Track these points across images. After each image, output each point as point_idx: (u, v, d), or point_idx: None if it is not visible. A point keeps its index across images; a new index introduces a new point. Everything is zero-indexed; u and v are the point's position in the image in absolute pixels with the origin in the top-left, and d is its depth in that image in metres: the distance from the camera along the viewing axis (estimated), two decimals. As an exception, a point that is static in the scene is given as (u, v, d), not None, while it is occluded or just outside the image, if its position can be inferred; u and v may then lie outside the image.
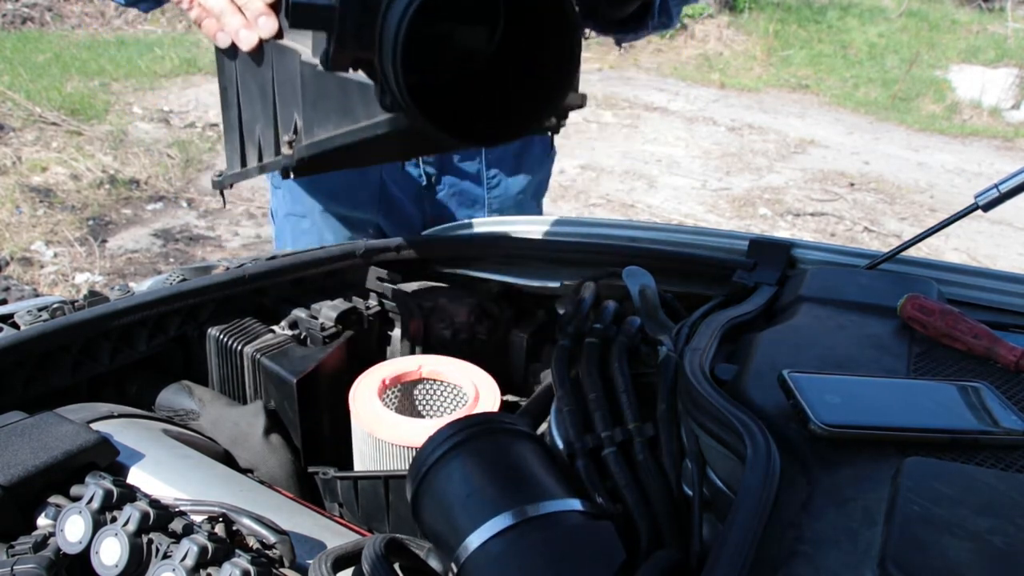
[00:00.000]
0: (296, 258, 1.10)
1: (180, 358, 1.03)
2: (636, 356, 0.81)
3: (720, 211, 4.71)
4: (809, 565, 0.47)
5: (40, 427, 0.69)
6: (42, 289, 3.25)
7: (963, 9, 10.54)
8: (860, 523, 0.51)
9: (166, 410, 0.96)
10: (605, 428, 0.70)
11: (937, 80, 7.78)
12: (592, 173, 5.11)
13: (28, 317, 0.90)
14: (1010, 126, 6.82)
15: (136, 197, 4.25)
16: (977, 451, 0.59)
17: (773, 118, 6.64)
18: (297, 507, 0.74)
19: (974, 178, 5.56)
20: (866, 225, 4.62)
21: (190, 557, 0.56)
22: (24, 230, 3.71)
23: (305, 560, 0.63)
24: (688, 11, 8.82)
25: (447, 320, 1.11)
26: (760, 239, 1.08)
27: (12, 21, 7.37)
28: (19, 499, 0.63)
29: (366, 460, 0.93)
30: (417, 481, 0.60)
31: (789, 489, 0.54)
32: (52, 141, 4.76)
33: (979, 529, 0.48)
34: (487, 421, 0.62)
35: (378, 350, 1.17)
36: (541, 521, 0.54)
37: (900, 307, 0.80)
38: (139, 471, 0.72)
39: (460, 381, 1.00)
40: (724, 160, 5.56)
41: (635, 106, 6.68)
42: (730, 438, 0.59)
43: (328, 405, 1.00)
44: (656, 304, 0.93)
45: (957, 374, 0.71)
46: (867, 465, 0.56)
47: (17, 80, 5.63)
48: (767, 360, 0.71)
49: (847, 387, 0.64)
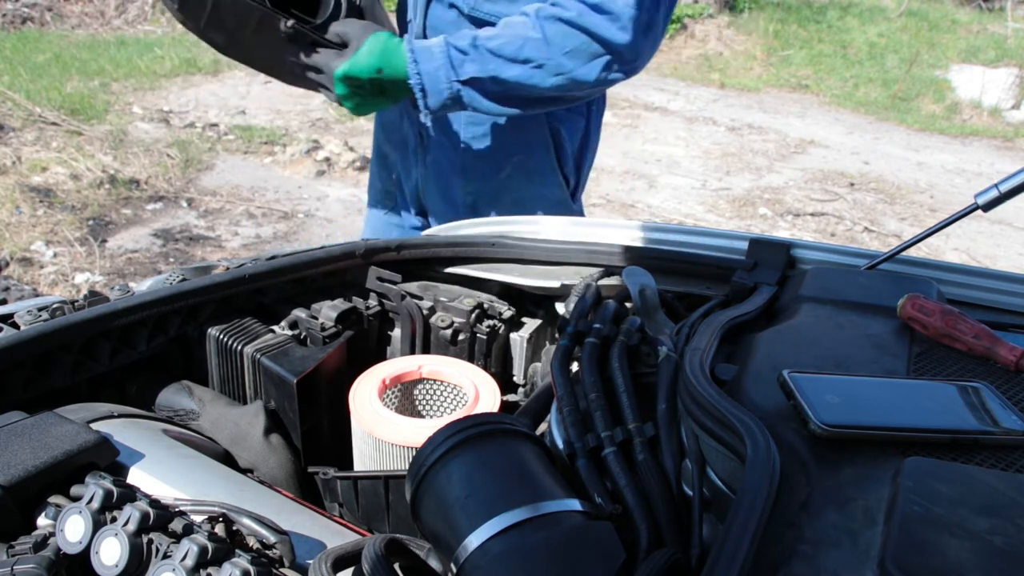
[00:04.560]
0: (296, 258, 1.10)
1: (180, 358, 1.03)
2: (636, 356, 0.81)
3: (720, 211, 4.72)
4: (809, 565, 0.47)
5: (40, 427, 0.69)
6: (42, 289, 3.25)
7: (963, 9, 10.54)
8: (860, 523, 0.51)
9: (166, 410, 0.96)
10: (605, 428, 0.70)
11: (937, 80, 7.78)
12: (592, 173, 5.10)
13: (28, 317, 0.90)
14: (1010, 126, 6.82)
15: (136, 197, 4.25)
16: (977, 451, 0.59)
17: (773, 118, 6.64)
18: (297, 507, 0.74)
19: (974, 178, 5.56)
20: (866, 225, 4.62)
21: (190, 557, 0.56)
22: (24, 230, 3.71)
23: (305, 560, 0.63)
24: (688, 11, 8.83)
25: (447, 320, 1.11)
26: (760, 239, 1.08)
27: (12, 21, 7.37)
28: (19, 499, 0.63)
29: (366, 460, 0.93)
30: (417, 481, 0.60)
31: (789, 489, 0.54)
32: (52, 141, 4.76)
33: (979, 529, 0.48)
34: (487, 421, 0.62)
35: (378, 350, 1.17)
36: (541, 521, 0.54)
37: (900, 307, 0.80)
38: (139, 471, 0.72)
39: (460, 381, 1.00)
40: (724, 160, 5.56)
41: (635, 106, 6.68)
42: (730, 438, 0.59)
43: (328, 405, 1.00)
44: (656, 304, 0.93)
45: (957, 374, 0.71)
46: (867, 465, 0.56)
47: (17, 80, 5.63)
48: (767, 360, 0.71)
49: (847, 387, 0.64)
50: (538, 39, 1.26)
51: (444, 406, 1.05)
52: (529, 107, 1.37)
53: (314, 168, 4.77)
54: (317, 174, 4.70)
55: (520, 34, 1.27)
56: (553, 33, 1.26)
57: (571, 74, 1.28)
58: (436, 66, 1.29)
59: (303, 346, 1.02)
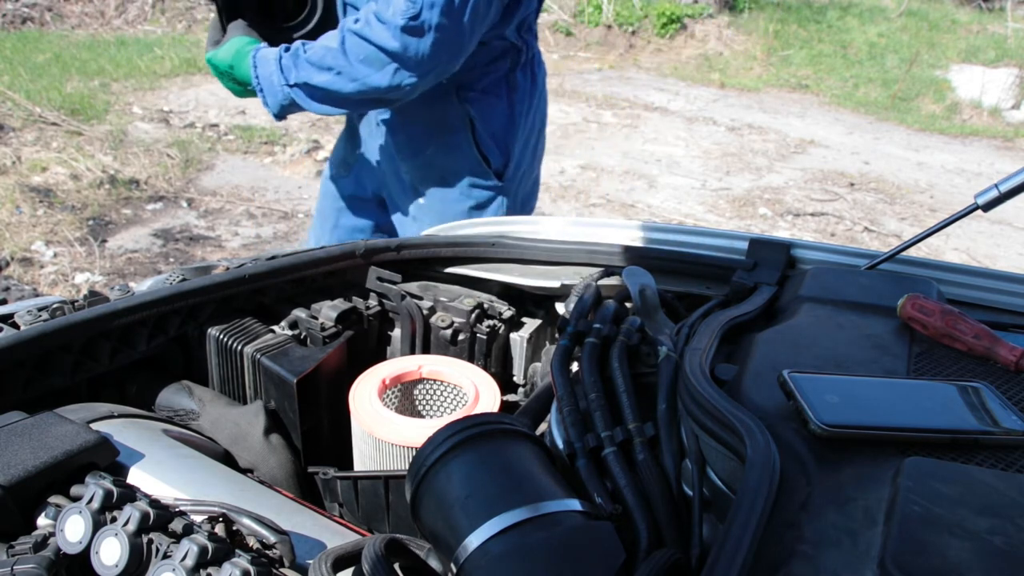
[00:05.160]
0: (296, 258, 1.10)
1: (180, 358, 1.03)
2: (636, 356, 0.81)
3: (720, 211, 4.72)
4: (809, 565, 0.47)
5: (40, 427, 0.69)
6: (42, 289, 3.25)
7: (963, 9, 10.54)
8: (860, 523, 0.51)
9: (166, 410, 0.96)
10: (605, 428, 0.70)
11: (937, 80, 7.78)
12: (592, 173, 5.11)
13: (28, 317, 0.90)
14: (1010, 126, 6.82)
15: (136, 197, 4.25)
16: (977, 451, 0.59)
17: (773, 118, 6.64)
18: (297, 507, 0.74)
19: (974, 178, 5.56)
20: (866, 225, 4.62)
21: (190, 557, 0.56)
22: (24, 230, 3.71)
23: (305, 560, 0.63)
24: (688, 11, 8.83)
25: (447, 320, 1.11)
26: (760, 239, 1.08)
27: (12, 21, 7.37)
28: (19, 499, 0.63)
29: (366, 460, 0.93)
30: (417, 481, 0.60)
31: (789, 489, 0.54)
32: (52, 141, 4.76)
33: (979, 529, 0.48)
34: (487, 422, 0.62)
35: (378, 350, 1.17)
36: (541, 521, 0.54)
37: (900, 307, 0.80)
38: (139, 471, 0.72)
39: (460, 381, 1.00)
40: (724, 160, 5.56)
41: (635, 106, 6.68)
42: (730, 438, 0.59)
43: (328, 405, 1.00)
44: (656, 304, 0.93)
45: (957, 374, 0.71)
46: (867, 465, 0.56)
47: (17, 80, 5.63)
48: (767, 360, 0.71)
49: (847, 387, 0.64)
50: (336, 49, 1.45)
51: (444, 406, 1.05)
52: (354, 108, 1.59)
53: (314, 168, 4.77)
54: (317, 174, 4.70)
55: (327, 45, 1.47)
56: (350, 44, 1.44)
57: (365, 80, 1.45)
58: (270, 72, 1.51)
59: (303, 346, 1.02)
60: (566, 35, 8.62)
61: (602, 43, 8.54)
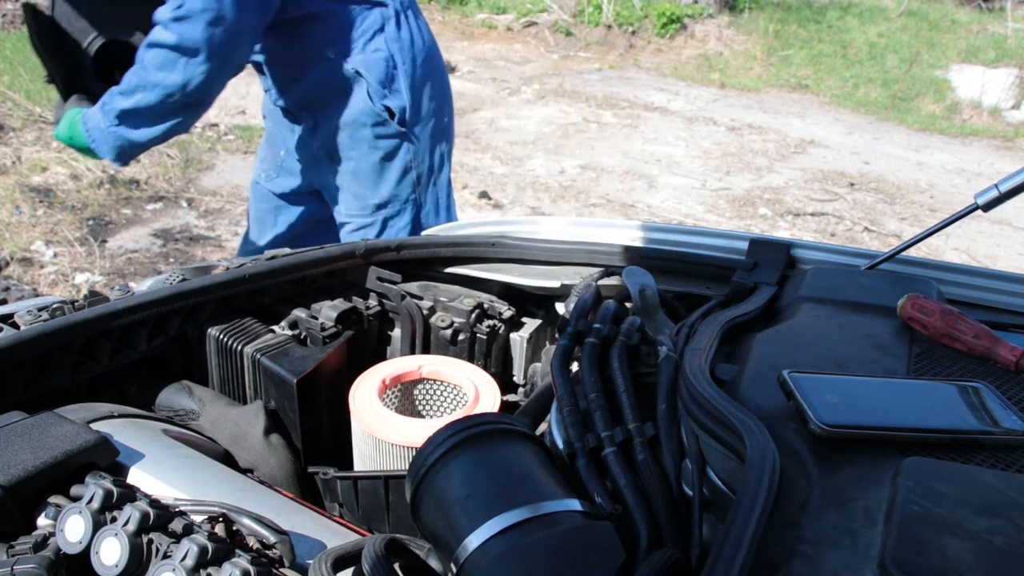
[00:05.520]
0: (296, 258, 1.10)
1: (180, 358, 1.03)
2: (636, 356, 0.81)
3: (720, 211, 4.72)
4: (809, 565, 0.47)
5: (40, 427, 0.69)
6: (42, 289, 3.25)
7: (963, 9, 10.54)
8: (860, 523, 0.51)
9: (166, 410, 0.96)
10: (605, 428, 0.70)
11: (937, 80, 7.78)
12: (592, 173, 5.11)
13: (28, 317, 0.90)
14: (1010, 126, 6.82)
15: (136, 197, 4.25)
16: (977, 451, 0.58)
17: (773, 118, 6.64)
18: (297, 507, 0.74)
19: (974, 178, 5.56)
20: (866, 225, 4.62)
21: (190, 557, 0.56)
22: (24, 230, 3.71)
23: (305, 560, 0.63)
24: (688, 11, 8.83)
25: (447, 320, 1.11)
26: (760, 239, 1.08)
27: (12, 21, 7.37)
28: (19, 499, 0.63)
29: (366, 460, 0.93)
30: (417, 481, 0.60)
31: (789, 489, 0.54)
32: (52, 141, 4.76)
33: (979, 529, 0.48)
34: (487, 422, 0.62)
35: (378, 350, 1.17)
36: (541, 521, 0.54)
37: (900, 307, 0.80)
38: (139, 471, 0.72)
39: (460, 381, 1.00)
40: (724, 160, 5.56)
41: (635, 106, 6.68)
42: (730, 438, 0.59)
43: (328, 405, 1.00)
44: (656, 304, 0.93)
45: (957, 374, 0.71)
46: (867, 465, 0.56)
47: (17, 80, 5.63)
48: (767, 360, 0.71)
49: (847, 387, 0.64)
50: (136, 67, 1.62)
51: (444, 406, 1.05)
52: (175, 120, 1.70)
53: (314, 168, 4.77)
54: (317, 174, 4.70)
55: (131, 71, 1.63)
56: (145, 57, 1.60)
57: (164, 83, 1.61)
58: (96, 121, 1.68)
59: (303, 346, 1.02)
60: (566, 35, 8.63)
61: (602, 43, 8.54)
